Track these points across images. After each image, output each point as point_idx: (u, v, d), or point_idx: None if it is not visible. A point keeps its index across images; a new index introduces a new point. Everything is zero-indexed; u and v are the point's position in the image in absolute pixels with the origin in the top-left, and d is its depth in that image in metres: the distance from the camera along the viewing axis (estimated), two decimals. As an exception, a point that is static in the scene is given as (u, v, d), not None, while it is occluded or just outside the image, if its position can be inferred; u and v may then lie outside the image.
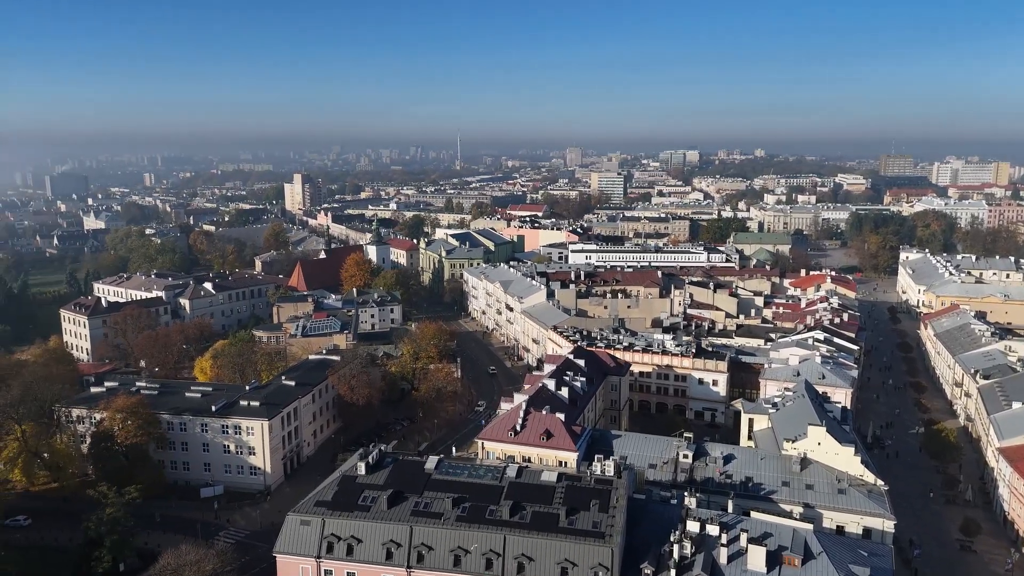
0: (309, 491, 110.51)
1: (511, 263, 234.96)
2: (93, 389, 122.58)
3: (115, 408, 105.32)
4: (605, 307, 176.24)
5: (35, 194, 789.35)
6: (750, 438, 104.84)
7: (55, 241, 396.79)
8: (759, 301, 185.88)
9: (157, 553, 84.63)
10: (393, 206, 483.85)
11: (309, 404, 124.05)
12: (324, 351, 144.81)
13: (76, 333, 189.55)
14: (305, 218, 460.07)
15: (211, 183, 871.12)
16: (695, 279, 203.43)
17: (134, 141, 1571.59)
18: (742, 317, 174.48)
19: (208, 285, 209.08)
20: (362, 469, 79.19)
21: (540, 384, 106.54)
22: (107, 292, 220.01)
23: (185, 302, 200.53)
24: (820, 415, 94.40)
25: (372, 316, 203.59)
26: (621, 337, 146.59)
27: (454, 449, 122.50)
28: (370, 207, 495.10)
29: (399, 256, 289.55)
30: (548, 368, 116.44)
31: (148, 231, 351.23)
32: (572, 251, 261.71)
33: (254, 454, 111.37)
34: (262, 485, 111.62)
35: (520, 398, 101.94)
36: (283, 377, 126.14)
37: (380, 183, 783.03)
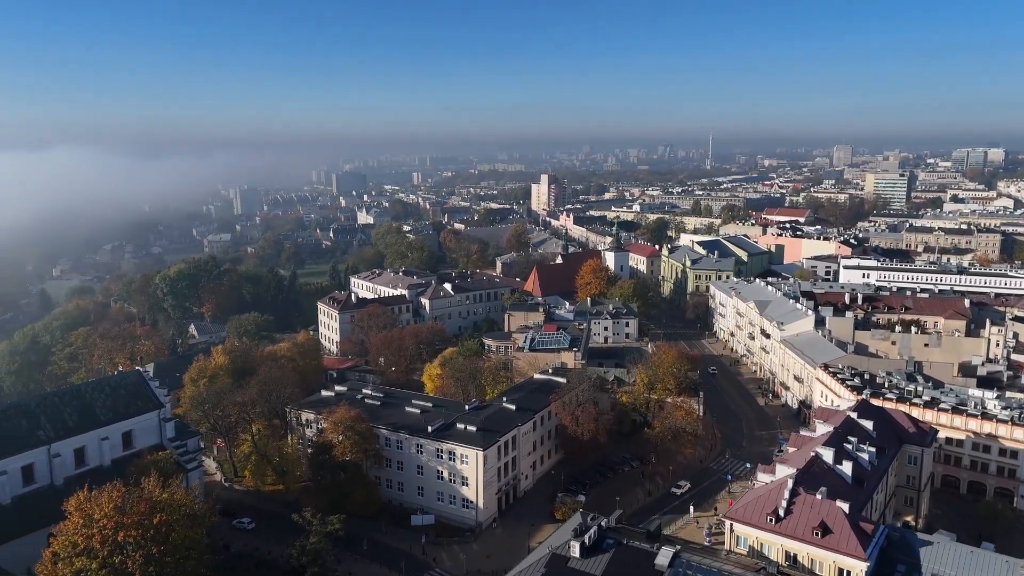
0: (523, 533, 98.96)
1: (768, 278, 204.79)
2: (324, 393, 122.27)
3: (335, 421, 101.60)
4: (893, 343, 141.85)
5: (324, 190, 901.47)
6: None
7: (331, 234, 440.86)
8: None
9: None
10: (636, 208, 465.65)
11: (529, 433, 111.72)
12: (550, 370, 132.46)
13: (329, 326, 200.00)
14: (548, 219, 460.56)
15: (468, 182, 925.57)
16: (1020, 313, 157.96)
17: (409, 142, 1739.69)
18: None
19: (448, 286, 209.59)
20: (576, 550, 63.52)
21: (812, 453, 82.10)
22: (360, 287, 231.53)
23: (425, 302, 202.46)
24: None
25: (605, 329, 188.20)
26: (919, 388, 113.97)
27: (692, 508, 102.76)
28: (613, 208, 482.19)
29: (638, 262, 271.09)
30: (822, 428, 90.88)
31: (405, 228, 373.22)
32: (844, 266, 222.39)
33: (467, 485, 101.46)
34: (473, 520, 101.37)
35: (784, 470, 78.81)
36: (504, 399, 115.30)
37: (625, 183, 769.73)
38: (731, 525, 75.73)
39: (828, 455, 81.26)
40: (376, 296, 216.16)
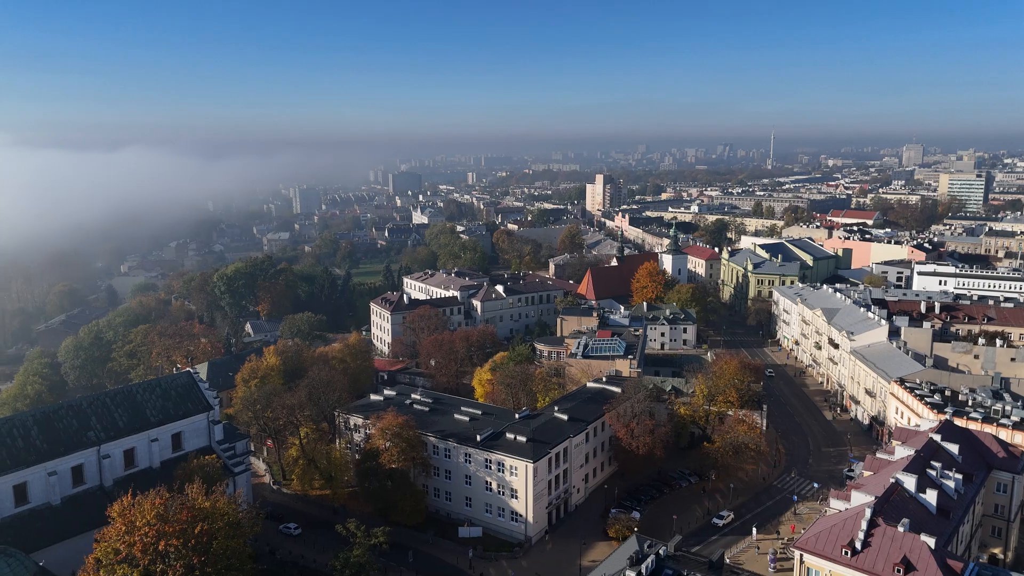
0: (574, 550, 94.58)
1: (835, 284, 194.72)
2: (372, 397, 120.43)
3: (382, 427, 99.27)
4: (976, 356, 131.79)
5: (381, 190, 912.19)
6: None
7: (386, 233, 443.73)
8: None
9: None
10: (694, 209, 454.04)
11: (582, 444, 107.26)
12: (604, 378, 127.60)
13: (381, 327, 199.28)
14: (603, 219, 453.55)
15: (522, 182, 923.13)
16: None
17: (465, 143, 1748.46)
18: None
19: (500, 288, 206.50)
20: (631, 580, 58.81)
21: (892, 479, 75.33)
22: (413, 287, 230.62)
23: (477, 304, 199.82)
24: None
25: (662, 335, 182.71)
26: (1007, 407, 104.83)
27: (754, 531, 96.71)
28: (670, 209, 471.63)
29: (697, 265, 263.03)
30: (901, 451, 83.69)
31: (458, 228, 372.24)
32: (919, 272, 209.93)
33: (516, 498, 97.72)
34: (522, 535, 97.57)
35: (860, 498, 72.44)
36: (556, 408, 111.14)
37: (682, 183, 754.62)
38: (801, 556, 69.89)
39: (910, 482, 74.39)
40: (428, 297, 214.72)
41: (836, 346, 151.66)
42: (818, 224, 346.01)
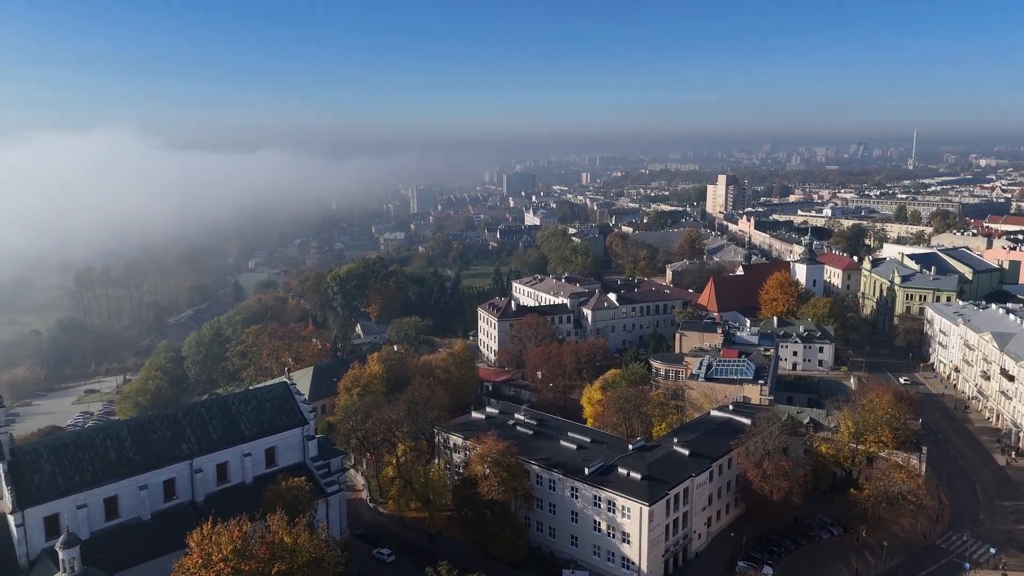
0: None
1: (1004, 303, 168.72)
2: (474, 414, 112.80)
3: (481, 453, 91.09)
4: None
5: (495, 190, 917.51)
6: None
7: (497, 235, 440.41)
8: None
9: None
10: (827, 212, 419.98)
11: (705, 484, 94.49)
12: (731, 405, 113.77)
13: (488, 333, 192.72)
14: (725, 222, 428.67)
15: (638, 182, 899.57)
16: None
17: (579, 142, 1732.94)
18: None
19: (613, 296, 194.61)
20: None
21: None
22: (521, 292, 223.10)
23: (588, 312, 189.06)
24: None
25: (794, 354, 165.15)
26: None
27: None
28: (799, 212, 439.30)
29: (832, 276, 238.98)
30: None
31: (571, 230, 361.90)
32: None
33: (628, 542, 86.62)
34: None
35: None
36: (675, 439, 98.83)
37: (812, 185, 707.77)
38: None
39: None
40: (537, 303, 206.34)
41: (1011, 378, 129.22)
42: (974, 231, 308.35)
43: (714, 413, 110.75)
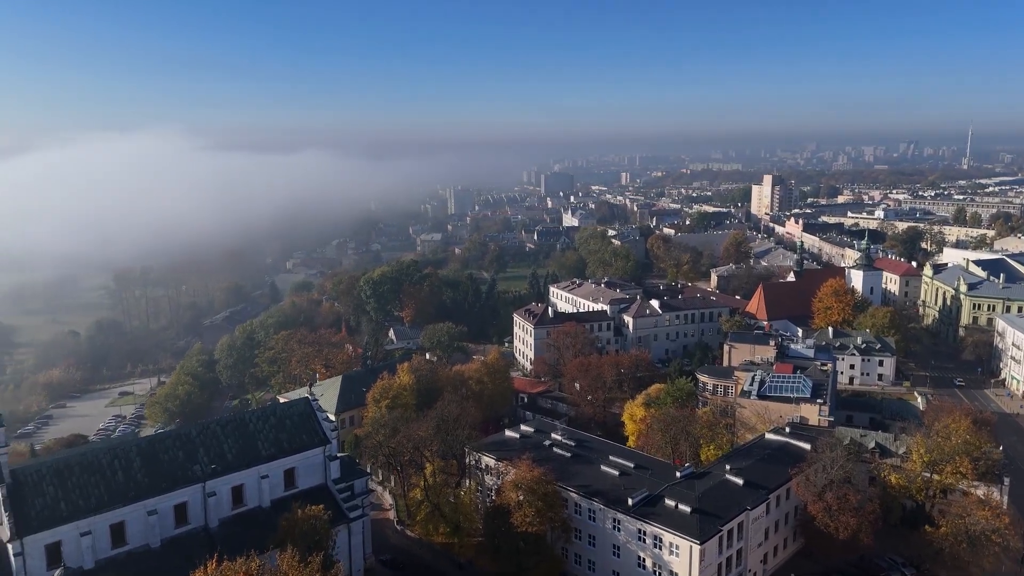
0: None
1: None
2: (508, 433, 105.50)
3: (514, 480, 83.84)
4: None
5: (533, 191, 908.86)
6: None
7: (535, 236, 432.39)
8: None
9: None
10: (879, 214, 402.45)
11: (761, 518, 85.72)
12: (787, 427, 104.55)
13: (524, 340, 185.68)
14: (771, 224, 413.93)
15: (679, 182, 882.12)
16: None
17: (618, 142, 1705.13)
18: None
19: (655, 303, 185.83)
20: None
21: None
22: (559, 297, 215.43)
23: (629, 320, 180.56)
24: None
25: (851, 367, 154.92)
26: None
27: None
28: (849, 214, 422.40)
29: (890, 282, 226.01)
30: None
31: (610, 232, 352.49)
32: None
33: (675, 582, 78.44)
34: (682, 629, 78.13)
35: None
36: (727, 466, 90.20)
37: (861, 185, 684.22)
38: None
39: None
40: (575, 309, 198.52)
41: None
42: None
43: (769, 436, 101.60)
